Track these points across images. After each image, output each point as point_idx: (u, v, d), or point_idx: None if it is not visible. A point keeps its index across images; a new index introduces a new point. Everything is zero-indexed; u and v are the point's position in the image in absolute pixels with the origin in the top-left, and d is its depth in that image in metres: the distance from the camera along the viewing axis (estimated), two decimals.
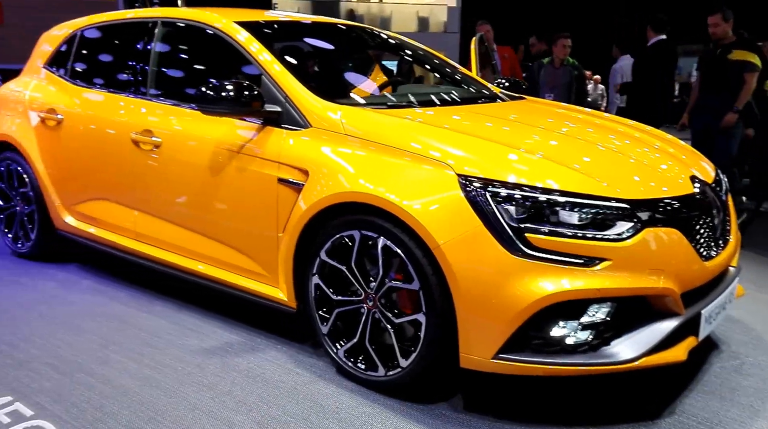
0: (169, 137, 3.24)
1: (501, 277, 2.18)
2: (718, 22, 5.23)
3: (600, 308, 2.22)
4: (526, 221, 2.20)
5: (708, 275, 2.46)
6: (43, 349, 2.96)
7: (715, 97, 5.31)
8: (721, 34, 5.26)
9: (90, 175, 3.81)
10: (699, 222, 2.45)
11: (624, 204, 2.24)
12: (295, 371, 2.71)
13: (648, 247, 2.23)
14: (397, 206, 2.32)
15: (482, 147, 2.44)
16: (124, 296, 3.61)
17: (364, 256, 2.50)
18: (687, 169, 2.64)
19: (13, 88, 4.43)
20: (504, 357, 2.22)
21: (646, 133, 3.09)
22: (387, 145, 2.50)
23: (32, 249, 4.32)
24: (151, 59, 3.54)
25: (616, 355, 2.22)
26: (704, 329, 2.42)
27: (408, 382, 2.44)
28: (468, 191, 2.24)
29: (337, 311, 2.61)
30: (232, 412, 2.40)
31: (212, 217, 3.11)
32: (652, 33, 6.05)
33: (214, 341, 3.00)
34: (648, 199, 2.30)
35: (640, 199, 2.28)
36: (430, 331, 2.33)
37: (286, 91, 2.85)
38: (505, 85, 4.09)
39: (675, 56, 6.16)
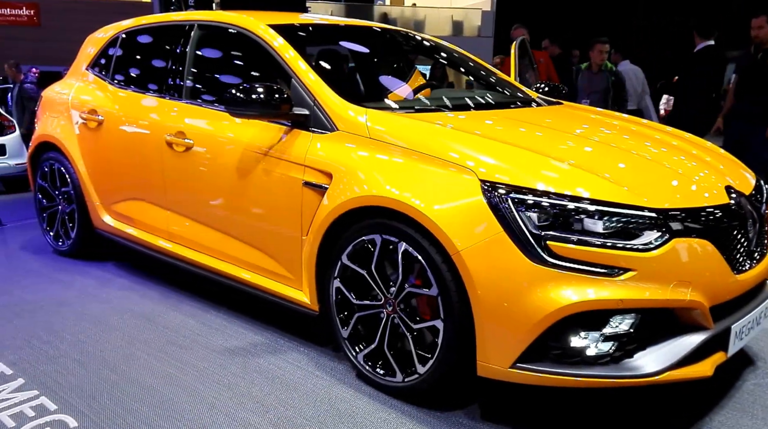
0: (200, 139, 3.29)
1: (520, 285, 2.14)
2: (763, 24, 5.03)
3: (623, 319, 2.16)
4: (548, 229, 2.15)
5: (740, 289, 2.36)
6: (73, 344, 3.03)
7: (754, 103, 5.09)
8: (764, 37, 5.07)
9: (127, 176, 3.90)
10: (732, 233, 2.36)
11: (652, 213, 2.17)
12: (315, 374, 2.71)
13: (676, 258, 2.15)
14: (417, 210, 2.30)
15: (507, 152, 2.40)
16: (155, 294, 3.67)
17: (384, 260, 2.49)
18: (723, 178, 2.55)
19: (58, 90, 4.57)
20: (522, 366, 2.18)
21: (684, 141, 3.00)
22: (410, 149, 2.49)
23: (72, 247, 4.45)
24: (187, 62, 3.60)
25: (638, 368, 2.15)
26: (734, 345, 2.33)
27: (425, 389, 2.42)
28: (490, 197, 2.21)
29: (357, 315, 2.60)
30: (249, 413, 2.41)
31: (240, 219, 3.14)
32: (698, 38, 5.83)
33: (237, 341, 3.03)
34: (678, 208, 2.22)
35: (670, 209, 2.20)
36: (447, 338, 2.30)
37: (314, 94, 2.86)
38: (545, 90, 4.03)
39: (723, 63, 5.83)
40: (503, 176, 2.24)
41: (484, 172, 2.26)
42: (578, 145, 2.67)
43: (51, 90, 4.71)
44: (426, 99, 3.44)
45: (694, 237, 2.21)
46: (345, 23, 3.88)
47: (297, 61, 3.00)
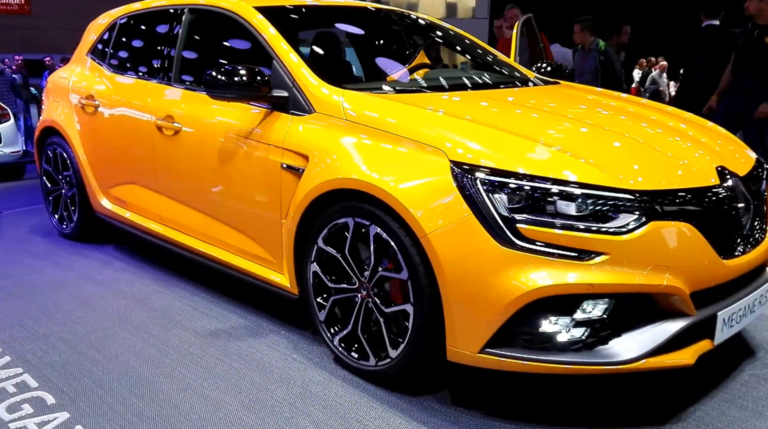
0: (187, 123, 3.28)
1: (488, 268, 2.07)
2: None
3: (596, 305, 2.07)
4: (519, 211, 2.08)
5: (729, 274, 2.25)
6: (62, 324, 3.06)
7: (749, 82, 4.91)
8: (754, 11, 4.85)
9: (121, 160, 3.91)
10: (720, 216, 2.25)
11: (628, 195, 2.07)
12: (293, 357, 2.69)
13: (653, 242, 2.06)
14: (386, 193, 2.25)
15: (480, 133, 2.33)
16: (148, 277, 3.69)
17: (358, 244, 2.44)
18: (717, 159, 2.42)
19: (61, 76, 4.62)
20: (491, 352, 2.11)
21: (683, 121, 2.87)
22: (383, 131, 2.43)
23: (74, 230, 4.51)
24: (177, 46, 3.59)
25: (613, 355, 2.07)
26: (722, 333, 2.23)
27: (397, 373, 2.37)
28: (459, 179, 2.14)
29: (333, 299, 2.56)
30: (222, 394, 2.40)
31: (224, 203, 3.13)
32: (703, 17, 5.69)
33: (221, 324, 3.02)
34: (658, 190, 2.12)
35: (648, 191, 2.10)
36: (417, 322, 2.25)
37: (293, 75, 2.81)
38: (548, 70, 3.92)
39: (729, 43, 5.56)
40: (473, 157, 2.16)
41: (453, 154, 2.19)
42: (561, 125, 2.57)
43: (56, 75, 4.75)
44: (411, 80, 3.36)
45: (674, 220, 2.10)
46: (337, 4, 3.81)
47: (278, 41, 2.96)
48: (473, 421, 2.23)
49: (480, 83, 3.24)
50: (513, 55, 4.35)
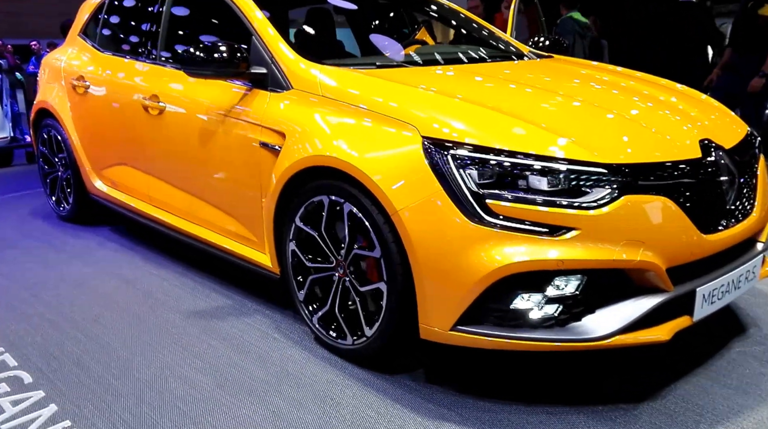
0: (171, 101, 3.26)
1: (458, 245, 2.03)
2: None
3: (568, 281, 2.03)
4: (490, 187, 2.03)
5: (709, 249, 2.19)
6: (49, 305, 3.08)
7: (743, 56, 4.86)
8: None
9: (111, 141, 3.91)
10: (700, 190, 2.18)
11: (601, 168, 2.02)
12: (273, 336, 2.68)
13: (626, 217, 2.00)
14: (357, 169, 2.21)
15: (453, 107, 2.28)
16: (139, 259, 3.70)
17: (334, 222, 2.41)
18: (704, 133, 2.35)
19: (56, 57, 4.61)
20: (462, 329, 2.08)
21: (676, 94, 2.78)
22: (357, 106, 2.39)
23: (70, 213, 4.53)
24: (162, 23, 3.56)
25: (585, 332, 2.03)
26: (702, 309, 2.18)
27: (372, 352, 2.35)
28: (430, 154, 2.10)
29: (311, 278, 2.55)
30: (198, 373, 2.41)
31: (207, 182, 3.11)
32: None
33: (206, 304, 3.03)
34: (632, 163, 2.06)
35: (623, 164, 2.04)
36: (390, 301, 2.23)
37: (271, 50, 2.77)
38: (546, 44, 3.84)
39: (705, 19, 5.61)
40: (444, 132, 2.12)
41: (425, 129, 2.15)
42: (543, 99, 2.51)
43: (50, 56, 4.75)
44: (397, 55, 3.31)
45: (650, 194, 2.05)
46: None
47: (256, 15, 2.91)
48: (447, 398, 2.22)
49: (469, 58, 3.17)
50: (509, 30, 4.26)
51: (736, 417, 2.10)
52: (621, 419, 2.09)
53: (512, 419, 2.10)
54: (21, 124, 8.56)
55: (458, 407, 2.16)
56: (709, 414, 2.12)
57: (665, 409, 2.14)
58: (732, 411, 2.13)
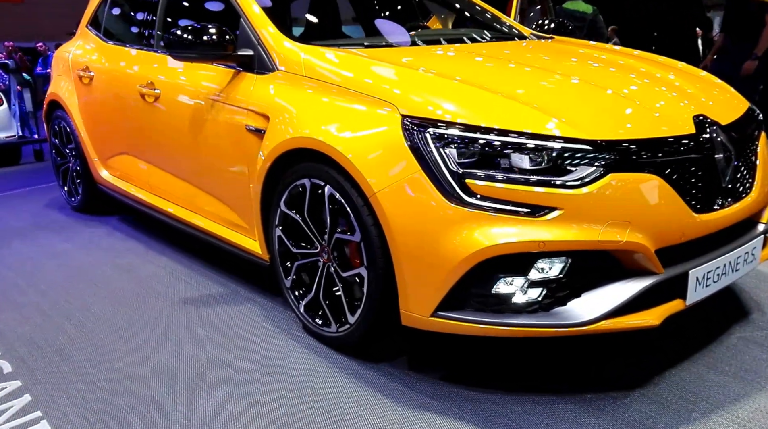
0: (165, 88, 3.23)
1: (437, 227, 1.96)
2: None
3: (552, 264, 1.95)
4: (470, 166, 1.96)
5: (703, 229, 2.09)
6: (43, 294, 3.09)
7: (736, 41, 4.92)
8: None
9: (114, 130, 3.91)
10: (694, 168, 2.08)
11: (584, 145, 1.93)
12: (261, 325, 2.64)
13: (611, 196, 1.91)
14: (335, 150, 2.15)
15: (434, 85, 2.20)
16: (141, 248, 3.70)
17: (316, 206, 2.36)
18: (700, 109, 2.24)
19: (65, 49, 4.63)
20: (443, 315, 2.02)
21: (674, 71, 2.68)
22: (337, 86, 2.33)
23: (81, 203, 4.55)
24: (159, 11, 3.53)
25: (571, 317, 1.95)
26: (695, 292, 2.08)
27: (356, 339, 2.30)
28: (409, 134, 2.03)
29: (297, 264, 2.50)
30: (180, 362, 2.38)
31: (200, 168, 3.09)
32: None
33: (198, 292, 3.00)
34: (618, 140, 1.97)
35: (608, 140, 1.95)
36: (371, 286, 2.17)
37: (258, 32, 2.72)
38: (551, 27, 3.74)
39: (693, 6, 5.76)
40: (423, 110, 2.05)
41: (404, 107, 2.08)
42: (532, 77, 2.41)
43: (60, 49, 4.77)
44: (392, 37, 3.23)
45: (638, 171, 1.95)
46: None
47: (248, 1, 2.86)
48: (430, 386, 2.15)
49: (464, 39, 3.09)
50: (513, 13, 4.15)
51: (731, 405, 2.00)
52: (609, 408, 2.01)
53: (496, 409, 2.03)
54: (29, 122, 8.68)
55: (441, 396, 2.10)
56: (703, 402, 2.02)
57: (657, 396, 2.06)
58: (728, 399, 2.04)
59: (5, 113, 8.09)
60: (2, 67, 8.86)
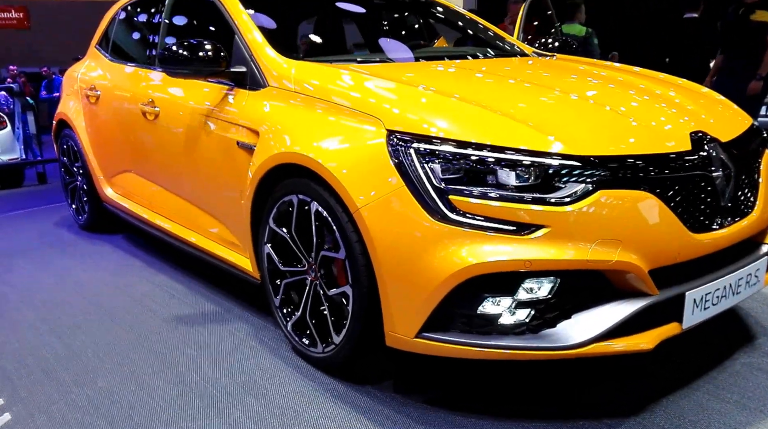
0: (164, 106, 3.23)
1: (421, 244, 1.90)
2: None
3: (540, 284, 1.88)
4: (454, 182, 1.90)
5: (700, 250, 2.01)
6: (37, 310, 3.07)
7: (736, 60, 4.95)
8: None
9: (117, 148, 3.92)
10: (691, 186, 2.00)
11: (573, 161, 1.87)
12: (250, 344, 2.59)
13: (600, 213, 1.84)
14: (320, 165, 2.11)
15: (421, 100, 2.16)
16: (140, 265, 3.68)
17: (303, 223, 2.31)
18: (699, 125, 2.16)
19: (74, 69, 4.68)
20: (428, 336, 1.95)
21: (674, 88, 2.61)
22: (326, 100, 2.29)
23: (87, 221, 4.56)
24: (161, 30, 3.55)
25: (560, 339, 1.87)
26: (693, 315, 2.00)
27: (342, 360, 2.24)
28: (393, 148, 1.98)
29: (285, 282, 2.45)
30: (163, 382, 2.33)
31: (196, 186, 3.07)
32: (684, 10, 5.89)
33: (191, 310, 2.96)
34: (608, 155, 1.90)
35: (597, 156, 1.88)
36: (356, 305, 2.11)
37: (251, 48, 2.71)
38: (555, 46, 3.70)
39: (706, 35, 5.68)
40: (409, 125, 2.00)
41: (390, 122, 2.03)
42: (526, 93, 2.36)
43: (70, 69, 4.82)
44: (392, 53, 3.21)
45: (630, 188, 1.89)
46: None
47: (239, 13, 2.87)
48: (416, 410, 2.08)
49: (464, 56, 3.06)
50: (516, 33, 4.10)
51: None
52: None
53: None
54: (32, 145, 8.76)
55: (426, 421, 2.02)
56: None
57: (652, 425, 1.96)
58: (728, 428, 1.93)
59: (9, 136, 8.14)
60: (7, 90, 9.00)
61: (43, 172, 8.12)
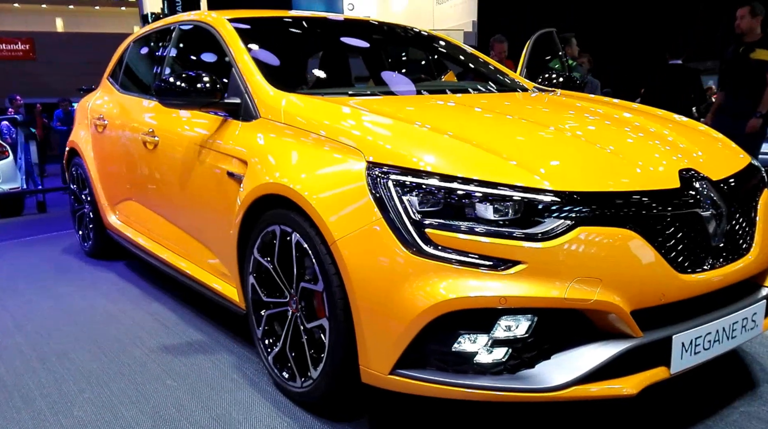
0: (163, 136, 3.26)
1: (395, 278, 1.86)
2: (745, 14, 5.00)
3: (518, 322, 1.82)
4: (431, 215, 1.86)
5: (687, 291, 1.93)
6: (28, 336, 3.06)
7: (736, 98, 5.01)
8: (745, 28, 5.02)
9: (120, 176, 3.96)
10: (676, 224, 1.94)
11: (553, 196, 1.82)
12: (231, 377, 2.54)
13: (580, 250, 1.79)
14: (300, 196, 2.09)
15: (403, 132, 2.14)
16: (137, 293, 3.68)
17: (285, 253, 2.28)
18: (689, 163, 2.10)
19: (86, 99, 4.78)
20: (403, 373, 1.89)
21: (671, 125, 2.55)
22: (311, 132, 2.29)
23: (92, 248, 4.59)
24: (165, 62, 3.61)
25: (539, 381, 1.80)
26: (682, 360, 1.91)
27: (319, 396, 2.17)
28: (373, 180, 1.95)
29: (267, 314, 2.41)
30: (138, 413, 2.28)
31: (189, 215, 3.07)
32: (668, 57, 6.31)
33: (178, 340, 2.93)
34: (589, 192, 1.85)
35: (575, 192, 1.83)
36: (333, 339, 2.06)
37: (246, 81, 2.73)
38: (559, 81, 3.69)
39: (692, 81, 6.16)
40: (388, 157, 1.97)
41: (370, 153, 2.01)
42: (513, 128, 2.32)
43: (83, 100, 4.93)
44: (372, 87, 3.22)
45: (612, 226, 1.83)
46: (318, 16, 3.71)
47: (237, 46, 2.90)
48: None
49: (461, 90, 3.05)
50: (520, 68, 4.09)
51: None
52: None
53: None
54: (34, 175, 8.86)
55: None
56: None
57: None
58: None
59: (11, 165, 8.22)
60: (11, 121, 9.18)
61: (43, 201, 8.18)
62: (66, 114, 10.87)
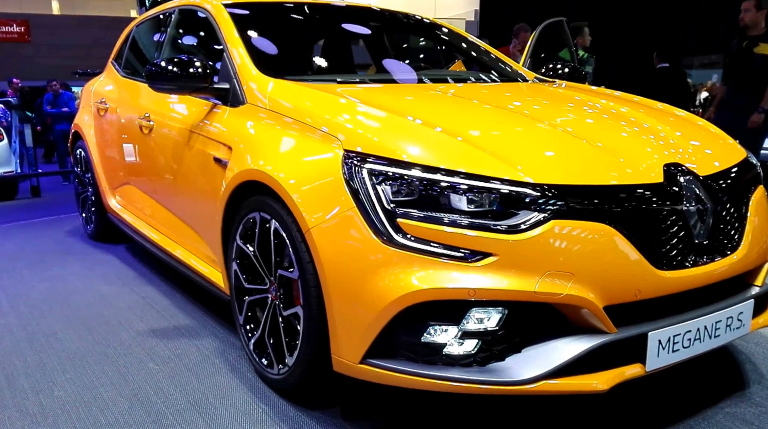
0: (157, 120, 3.26)
1: (366, 267, 1.84)
2: (750, 8, 4.90)
3: (488, 314, 1.79)
4: (404, 205, 1.84)
5: (665, 288, 1.88)
6: (21, 316, 3.09)
7: (739, 93, 4.92)
8: (749, 21, 4.93)
9: (119, 160, 3.97)
10: (656, 219, 1.89)
11: (527, 189, 1.78)
12: (213, 361, 2.55)
13: (553, 244, 1.75)
14: (276, 183, 2.08)
15: (381, 121, 2.11)
16: (132, 276, 3.70)
17: (265, 241, 2.28)
18: (676, 157, 2.05)
19: (91, 83, 4.80)
20: (373, 362, 1.87)
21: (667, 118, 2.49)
22: (292, 119, 2.27)
23: (93, 231, 4.63)
24: (163, 46, 3.61)
25: (508, 374, 1.77)
26: (659, 358, 1.87)
27: (294, 383, 2.17)
28: (348, 168, 1.93)
29: (248, 300, 2.41)
30: (117, 396, 2.29)
31: (180, 200, 3.08)
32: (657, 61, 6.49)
33: (165, 324, 2.94)
34: (565, 185, 1.81)
35: (554, 185, 1.79)
36: (306, 327, 2.05)
37: (235, 66, 2.71)
38: (565, 72, 3.63)
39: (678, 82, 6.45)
40: (364, 145, 1.95)
41: (347, 141, 1.99)
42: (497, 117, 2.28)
43: (88, 83, 4.95)
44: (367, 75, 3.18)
45: (588, 220, 1.79)
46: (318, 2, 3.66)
47: (229, 31, 2.88)
48: None
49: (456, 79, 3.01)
50: (524, 59, 4.03)
51: None
52: None
53: None
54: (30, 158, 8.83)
55: None
56: None
57: None
58: None
59: (5, 149, 8.18)
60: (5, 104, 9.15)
61: (37, 185, 8.18)
62: (56, 96, 10.64)
